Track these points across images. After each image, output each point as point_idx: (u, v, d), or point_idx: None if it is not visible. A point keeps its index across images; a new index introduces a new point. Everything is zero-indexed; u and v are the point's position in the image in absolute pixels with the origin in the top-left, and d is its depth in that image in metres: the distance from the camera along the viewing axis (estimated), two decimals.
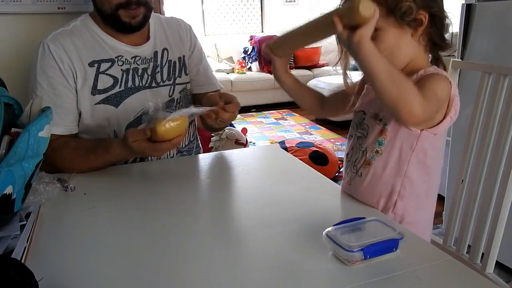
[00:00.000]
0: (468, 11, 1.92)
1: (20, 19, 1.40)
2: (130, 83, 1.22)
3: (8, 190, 0.75)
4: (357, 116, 0.99)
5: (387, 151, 0.91)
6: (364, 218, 0.75)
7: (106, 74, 1.19)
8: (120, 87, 1.20)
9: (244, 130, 3.71)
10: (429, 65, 0.92)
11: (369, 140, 0.93)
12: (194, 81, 1.37)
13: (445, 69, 0.92)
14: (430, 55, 0.94)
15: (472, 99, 1.17)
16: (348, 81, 0.99)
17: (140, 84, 1.24)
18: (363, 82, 1.03)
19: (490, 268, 1.07)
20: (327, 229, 0.71)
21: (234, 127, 3.58)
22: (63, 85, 1.15)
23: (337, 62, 0.97)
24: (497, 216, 1.05)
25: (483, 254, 1.09)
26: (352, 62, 0.96)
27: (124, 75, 1.21)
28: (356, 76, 1.03)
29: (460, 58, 1.96)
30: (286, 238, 0.78)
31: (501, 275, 1.13)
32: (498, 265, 1.10)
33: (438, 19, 0.87)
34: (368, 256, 0.66)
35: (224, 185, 1.06)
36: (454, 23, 0.94)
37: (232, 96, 1.13)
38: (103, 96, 1.18)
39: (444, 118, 0.87)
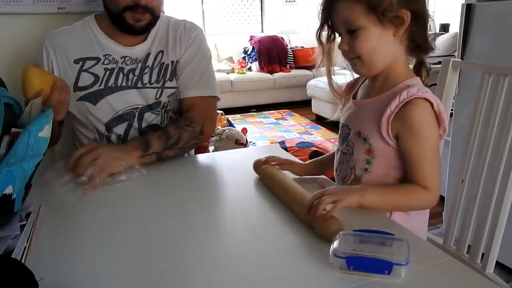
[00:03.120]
0: (468, 11, 1.92)
1: (20, 19, 1.40)
2: (111, 82, 1.24)
3: (8, 190, 0.75)
4: (343, 131, 0.98)
5: (376, 169, 0.90)
6: (393, 234, 0.70)
7: (88, 72, 1.23)
8: (100, 85, 1.23)
9: (244, 130, 3.71)
10: (409, 72, 0.90)
11: (356, 158, 0.92)
12: (181, 84, 1.29)
13: (427, 74, 0.91)
14: (412, 58, 0.92)
15: (472, 99, 1.17)
16: (334, 81, 0.98)
17: (123, 84, 1.25)
18: (349, 86, 1.02)
19: (490, 268, 1.07)
20: (347, 231, 0.70)
21: (234, 127, 3.58)
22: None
23: (319, 65, 0.95)
24: (497, 216, 1.05)
25: (483, 254, 1.09)
26: (338, 62, 0.95)
27: (107, 74, 1.24)
28: (347, 76, 1.02)
29: (460, 58, 1.96)
30: (285, 239, 0.78)
31: (501, 275, 1.13)
32: (498, 265, 1.10)
33: (421, 18, 0.85)
34: (352, 267, 0.64)
35: (224, 185, 1.06)
36: (454, 23, 0.94)
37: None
38: (83, 93, 1.23)
39: None
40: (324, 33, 0.92)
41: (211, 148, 3.20)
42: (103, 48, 1.24)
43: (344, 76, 1.03)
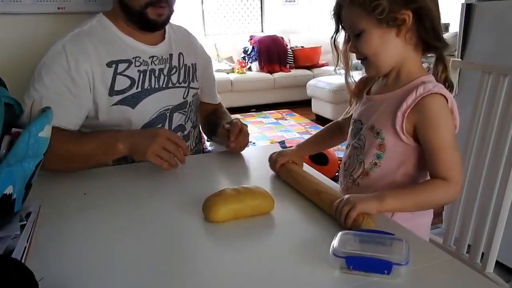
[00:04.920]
0: (468, 11, 1.92)
1: (20, 19, 1.40)
2: (146, 84, 1.22)
3: (9, 190, 0.74)
4: (355, 126, 0.99)
5: (386, 164, 0.91)
6: (393, 234, 0.70)
7: (123, 75, 1.18)
8: (137, 88, 1.20)
9: None
10: (421, 70, 0.91)
11: (367, 152, 0.93)
12: (204, 88, 1.43)
13: (445, 68, 0.91)
14: (432, 55, 0.93)
15: (472, 99, 1.17)
16: (350, 80, 1.00)
17: (156, 86, 1.24)
18: (360, 84, 1.03)
19: (490, 267, 1.07)
20: (347, 231, 0.70)
21: None
22: (66, 85, 1.12)
23: (337, 64, 0.97)
24: (497, 216, 1.05)
25: (483, 253, 1.09)
26: (354, 60, 0.97)
27: (141, 76, 1.21)
28: (356, 76, 1.03)
29: (460, 58, 1.96)
30: (285, 239, 0.78)
31: (501, 275, 1.13)
32: (498, 264, 1.10)
33: (426, 17, 0.85)
34: (351, 267, 0.64)
35: (224, 185, 1.06)
36: (454, 23, 0.94)
37: (239, 126, 1.18)
38: (121, 97, 1.18)
39: None
40: (339, 37, 0.95)
41: (211, 148, 3.19)
42: (131, 50, 1.21)
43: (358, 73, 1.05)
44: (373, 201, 0.78)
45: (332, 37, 0.95)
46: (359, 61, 0.93)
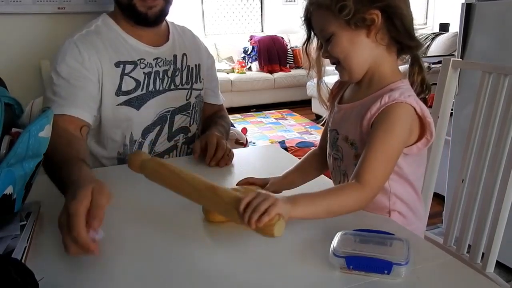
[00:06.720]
0: (468, 11, 1.92)
1: (20, 19, 1.40)
2: (151, 87, 1.22)
3: (9, 190, 0.74)
4: (331, 135, 0.96)
5: None
6: (393, 234, 0.70)
7: (130, 76, 1.19)
8: (142, 90, 1.21)
9: (244, 130, 3.71)
10: (395, 73, 0.87)
11: (346, 163, 0.91)
12: (208, 88, 1.43)
13: (420, 70, 0.88)
14: (407, 57, 0.89)
15: (472, 99, 1.17)
16: (323, 88, 0.97)
17: (161, 88, 1.24)
18: (335, 89, 1.01)
19: (491, 267, 1.07)
20: (347, 231, 0.70)
21: (234, 127, 3.58)
22: (83, 76, 1.13)
23: (309, 73, 0.95)
24: (497, 216, 1.05)
25: (483, 253, 1.09)
26: (329, 67, 0.95)
27: (146, 78, 1.21)
28: (333, 79, 1.02)
29: (460, 58, 1.96)
30: (285, 238, 0.78)
31: (501, 275, 1.13)
32: (498, 264, 1.10)
33: (395, 15, 0.81)
34: (351, 267, 0.64)
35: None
36: (454, 23, 0.93)
37: (214, 146, 1.15)
38: (126, 98, 1.18)
39: (419, 140, 0.85)
40: (312, 45, 0.94)
41: None
42: (136, 52, 1.21)
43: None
44: (287, 204, 0.68)
45: (304, 44, 0.94)
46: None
